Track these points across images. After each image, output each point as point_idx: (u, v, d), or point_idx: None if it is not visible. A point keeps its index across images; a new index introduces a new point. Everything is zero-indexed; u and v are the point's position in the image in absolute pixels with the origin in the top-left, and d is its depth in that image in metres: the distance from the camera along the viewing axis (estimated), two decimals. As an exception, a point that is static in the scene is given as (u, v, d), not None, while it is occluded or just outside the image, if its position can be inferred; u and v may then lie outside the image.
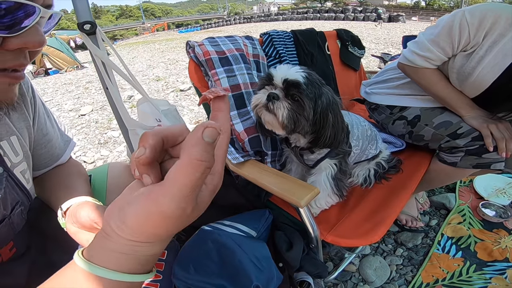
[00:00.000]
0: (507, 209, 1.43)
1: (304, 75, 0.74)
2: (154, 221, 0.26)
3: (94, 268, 0.28)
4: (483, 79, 0.98)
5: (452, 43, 0.98)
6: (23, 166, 0.62)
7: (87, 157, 2.48)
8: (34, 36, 0.40)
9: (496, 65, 0.95)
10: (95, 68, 0.86)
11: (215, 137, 0.26)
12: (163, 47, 12.43)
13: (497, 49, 0.93)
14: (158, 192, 0.25)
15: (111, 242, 0.28)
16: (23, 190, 0.62)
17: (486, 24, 0.92)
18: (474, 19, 0.92)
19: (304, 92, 0.73)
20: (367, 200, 1.02)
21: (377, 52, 6.11)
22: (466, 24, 0.93)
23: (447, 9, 47.68)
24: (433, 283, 1.15)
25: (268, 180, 0.82)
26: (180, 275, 0.77)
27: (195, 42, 1.07)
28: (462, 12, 0.94)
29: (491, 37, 0.93)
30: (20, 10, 0.37)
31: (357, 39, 1.79)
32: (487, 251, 1.26)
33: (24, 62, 0.43)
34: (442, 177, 1.19)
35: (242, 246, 0.78)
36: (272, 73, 0.76)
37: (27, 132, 0.64)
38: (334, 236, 0.85)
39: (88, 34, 0.79)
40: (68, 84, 5.92)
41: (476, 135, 1.02)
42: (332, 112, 0.78)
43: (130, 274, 0.29)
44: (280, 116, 0.73)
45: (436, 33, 1.01)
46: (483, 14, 0.91)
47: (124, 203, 0.28)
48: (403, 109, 1.23)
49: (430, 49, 1.03)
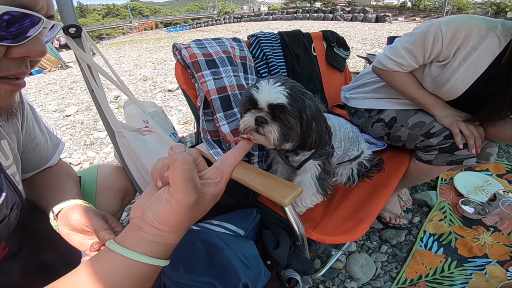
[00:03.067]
0: (485, 206, 1.49)
1: (286, 93, 0.74)
2: (177, 209, 0.36)
3: (134, 254, 0.36)
4: (456, 88, 1.04)
5: (424, 52, 1.03)
6: (13, 169, 0.63)
7: (72, 158, 2.43)
8: (37, 45, 0.42)
9: (469, 75, 1.00)
10: (80, 70, 0.85)
11: (183, 148, 0.39)
12: (150, 47, 12.26)
13: (469, 61, 0.98)
14: (171, 190, 0.37)
15: (146, 233, 0.37)
16: (16, 191, 0.63)
17: (459, 37, 0.96)
18: (448, 31, 0.96)
19: (290, 113, 0.74)
20: (350, 199, 1.05)
21: (363, 52, 6.20)
22: (441, 35, 0.97)
23: (432, 9, 48.83)
24: (417, 279, 1.18)
25: (254, 180, 0.84)
26: (169, 274, 0.77)
27: (181, 44, 1.07)
28: (438, 23, 0.98)
29: (465, 49, 0.98)
30: (26, 19, 0.38)
31: (342, 41, 1.82)
32: (467, 247, 1.31)
33: (26, 70, 0.45)
34: (421, 175, 1.24)
35: (230, 244, 0.79)
36: (256, 97, 0.76)
37: (16, 136, 0.65)
38: (318, 234, 0.87)
39: (73, 37, 0.78)
40: (52, 84, 5.77)
41: (447, 133, 1.06)
42: (316, 120, 0.80)
43: (159, 259, 0.38)
44: (272, 139, 0.76)
45: (411, 41, 1.05)
46: (457, 27, 0.95)
47: (151, 203, 0.38)
48: (380, 112, 1.28)
49: (403, 55, 1.08)
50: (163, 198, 0.37)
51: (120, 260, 0.36)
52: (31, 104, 0.73)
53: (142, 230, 0.37)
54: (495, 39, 0.95)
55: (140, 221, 0.38)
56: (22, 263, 0.68)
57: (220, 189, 0.42)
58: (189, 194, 0.36)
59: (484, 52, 0.96)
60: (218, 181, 0.42)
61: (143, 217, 0.38)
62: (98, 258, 0.38)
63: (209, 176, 0.42)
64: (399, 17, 28.56)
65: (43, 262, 0.74)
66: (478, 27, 0.95)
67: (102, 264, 0.36)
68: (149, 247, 0.37)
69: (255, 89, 0.76)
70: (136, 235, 0.37)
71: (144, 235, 0.37)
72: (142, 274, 0.37)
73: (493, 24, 0.96)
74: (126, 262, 0.36)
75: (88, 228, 0.61)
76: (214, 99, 1.01)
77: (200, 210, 0.40)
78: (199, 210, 0.40)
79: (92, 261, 0.37)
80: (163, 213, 0.37)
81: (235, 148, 0.47)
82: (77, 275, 0.36)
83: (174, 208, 0.36)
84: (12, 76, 0.43)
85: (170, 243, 0.39)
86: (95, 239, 0.60)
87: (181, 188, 0.36)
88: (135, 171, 1.04)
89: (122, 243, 0.37)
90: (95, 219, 0.61)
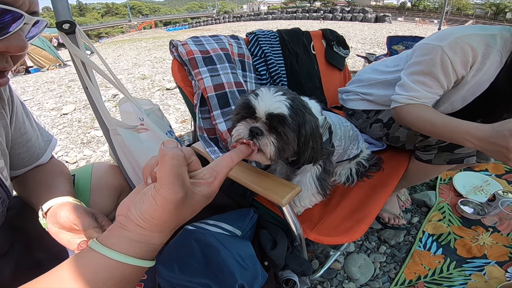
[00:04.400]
0: (484, 206, 1.48)
1: (288, 104, 0.68)
2: (162, 206, 0.35)
3: (115, 254, 0.34)
4: (454, 105, 1.03)
5: (440, 82, 0.95)
6: (1, 163, 0.62)
7: (69, 157, 2.41)
8: (16, 41, 0.42)
9: (470, 94, 0.98)
10: (74, 68, 0.84)
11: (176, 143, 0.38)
12: (149, 45, 12.24)
13: (473, 82, 0.95)
14: (157, 185, 0.35)
15: (129, 232, 0.35)
16: (3, 187, 0.62)
17: (468, 60, 0.90)
18: (455, 56, 0.89)
19: (290, 126, 0.67)
20: (348, 199, 1.04)
21: (363, 52, 6.20)
22: (449, 61, 0.90)
23: (432, 10, 48.89)
24: (416, 280, 1.17)
25: (251, 179, 0.83)
26: (164, 275, 0.77)
27: (178, 41, 1.06)
28: (440, 48, 0.90)
29: (472, 71, 0.93)
30: (7, 15, 0.38)
31: (342, 39, 1.82)
32: (466, 247, 1.30)
33: (6, 65, 0.44)
34: (420, 174, 1.23)
35: (226, 245, 0.78)
36: (254, 105, 0.68)
37: (4, 130, 0.64)
38: (316, 234, 0.86)
39: (67, 33, 0.77)
40: (49, 82, 5.74)
41: None
42: (313, 138, 0.74)
43: (142, 260, 0.36)
44: (268, 153, 0.68)
45: (419, 72, 0.98)
46: (462, 51, 0.89)
47: (137, 200, 0.36)
48: (378, 113, 1.27)
49: (415, 89, 0.98)
50: (148, 194, 0.36)
51: (101, 260, 0.35)
52: (22, 100, 0.72)
53: (125, 228, 0.36)
54: (497, 56, 0.90)
55: (124, 218, 0.36)
56: (13, 262, 0.67)
57: (212, 190, 0.40)
58: (176, 191, 0.35)
59: (488, 72, 0.92)
60: (211, 181, 0.40)
61: (127, 215, 0.36)
62: (80, 257, 0.36)
63: (202, 176, 0.41)
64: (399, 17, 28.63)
65: (36, 261, 0.72)
66: (479, 46, 0.89)
67: (83, 263, 0.35)
68: (132, 246, 0.35)
69: (254, 96, 0.69)
70: (119, 233, 0.36)
71: (127, 234, 0.35)
72: (123, 275, 0.35)
73: (492, 39, 0.90)
74: (107, 262, 0.34)
75: (76, 226, 0.60)
76: (211, 96, 0.99)
77: (188, 210, 0.38)
78: (187, 209, 0.38)
79: (74, 260, 0.35)
80: (147, 210, 0.35)
81: (233, 151, 0.46)
82: (58, 272, 0.35)
83: (159, 205, 0.34)
84: None
85: (154, 243, 0.37)
86: (84, 237, 0.59)
87: (167, 184, 0.34)
88: (130, 169, 1.02)
89: (104, 242, 0.35)
90: (84, 217, 0.60)
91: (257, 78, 1.27)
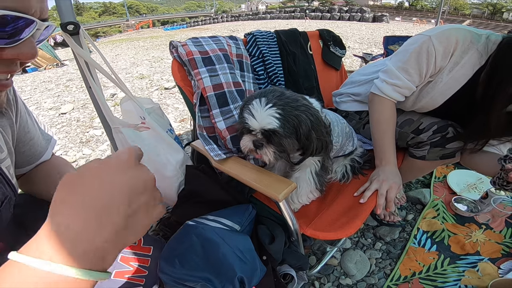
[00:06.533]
0: (478, 204, 1.51)
1: (278, 115, 0.75)
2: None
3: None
4: (435, 100, 1.07)
5: (420, 70, 1.01)
6: (8, 162, 0.63)
7: (68, 156, 2.42)
8: (28, 48, 0.42)
9: (448, 89, 1.02)
10: (78, 68, 0.86)
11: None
12: (147, 45, 12.21)
13: (450, 76, 1.00)
14: None
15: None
16: (10, 185, 0.63)
17: (450, 50, 0.96)
18: (440, 46, 0.95)
19: (283, 135, 0.76)
20: (344, 196, 1.06)
21: (360, 52, 6.23)
22: (434, 50, 0.95)
23: (429, 9, 48.98)
24: (411, 276, 1.19)
25: (249, 176, 0.85)
26: (166, 270, 0.79)
27: (178, 42, 1.08)
28: (428, 38, 0.96)
29: (449, 64, 0.98)
30: (20, 20, 0.39)
31: (338, 39, 1.83)
32: (459, 244, 1.33)
33: (15, 68, 0.45)
34: (415, 171, 1.25)
35: (226, 239, 0.81)
36: (250, 124, 0.78)
37: (10, 129, 0.65)
38: (312, 230, 0.88)
39: (71, 34, 0.78)
40: (47, 82, 5.72)
41: (435, 128, 1.08)
42: (315, 130, 0.80)
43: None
44: (268, 160, 0.82)
45: (404, 60, 1.03)
46: (448, 41, 0.95)
47: None
48: None
49: (398, 76, 1.05)
50: None
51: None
52: (22, 99, 0.73)
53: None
54: (476, 53, 0.95)
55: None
56: None
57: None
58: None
59: (465, 67, 0.97)
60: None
61: None
62: None
63: None
64: (396, 17, 28.69)
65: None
66: (463, 40, 0.94)
67: None
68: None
69: (248, 113, 0.78)
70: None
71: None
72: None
73: (478, 37, 0.95)
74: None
75: None
76: (210, 96, 1.01)
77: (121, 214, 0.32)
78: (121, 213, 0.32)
79: None
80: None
81: None
82: None
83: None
84: (1, 74, 0.43)
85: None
86: None
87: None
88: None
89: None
90: None
91: (255, 78, 1.29)
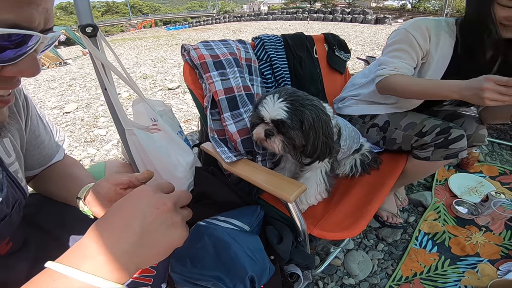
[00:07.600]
0: (478, 207, 1.53)
1: (287, 108, 0.83)
2: None
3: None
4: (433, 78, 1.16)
5: (411, 55, 1.14)
6: (16, 166, 0.63)
7: (73, 155, 2.44)
8: (30, 65, 0.39)
9: (441, 66, 1.15)
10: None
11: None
12: (150, 45, 12.19)
13: (437, 55, 1.14)
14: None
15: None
16: (19, 188, 0.63)
17: (426, 34, 1.12)
18: (416, 32, 1.11)
19: (291, 126, 0.84)
20: (349, 197, 1.09)
21: (363, 54, 6.24)
22: (413, 38, 1.12)
23: (432, 12, 48.85)
24: (412, 277, 1.22)
25: (260, 177, 0.88)
26: (177, 269, 0.80)
27: (190, 45, 1.10)
28: (403, 30, 1.14)
29: (432, 46, 1.13)
30: (19, 36, 0.35)
31: (343, 43, 1.85)
32: (460, 246, 1.35)
33: (16, 84, 0.42)
34: (420, 171, 1.29)
35: (237, 239, 0.83)
36: (262, 114, 0.87)
37: (19, 134, 0.65)
38: (319, 230, 0.91)
39: (89, 36, 0.81)
40: (50, 81, 5.73)
41: (438, 130, 1.12)
42: (313, 131, 0.86)
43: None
44: (277, 149, 0.89)
45: (393, 51, 1.17)
46: (421, 28, 1.12)
47: None
48: (374, 117, 1.34)
49: (393, 61, 1.16)
50: None
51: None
52: (34, 103, 0.72)
53: None
54: (446, 34, 1.13)
55: None
56: (28, 259, 0.67)
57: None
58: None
59: (445, 47, 1.13)
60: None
61: None
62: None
63: None
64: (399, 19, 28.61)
65: (51, 258, 0.73)
66: (432, 26, 1.12)
67: None
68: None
69: (261, 105, 0.87)
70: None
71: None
72: None
73: (438, 22, 1.13)
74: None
75: (121, 185, 0.62)
76: (222, 99, 1.04)
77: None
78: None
79: None
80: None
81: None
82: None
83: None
84: (1, 90, 0.41)
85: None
86: None
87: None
88: (143, 167, 1.07)
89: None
90: (121, 175, 0.62)
91: (263, 82, 1.32)
